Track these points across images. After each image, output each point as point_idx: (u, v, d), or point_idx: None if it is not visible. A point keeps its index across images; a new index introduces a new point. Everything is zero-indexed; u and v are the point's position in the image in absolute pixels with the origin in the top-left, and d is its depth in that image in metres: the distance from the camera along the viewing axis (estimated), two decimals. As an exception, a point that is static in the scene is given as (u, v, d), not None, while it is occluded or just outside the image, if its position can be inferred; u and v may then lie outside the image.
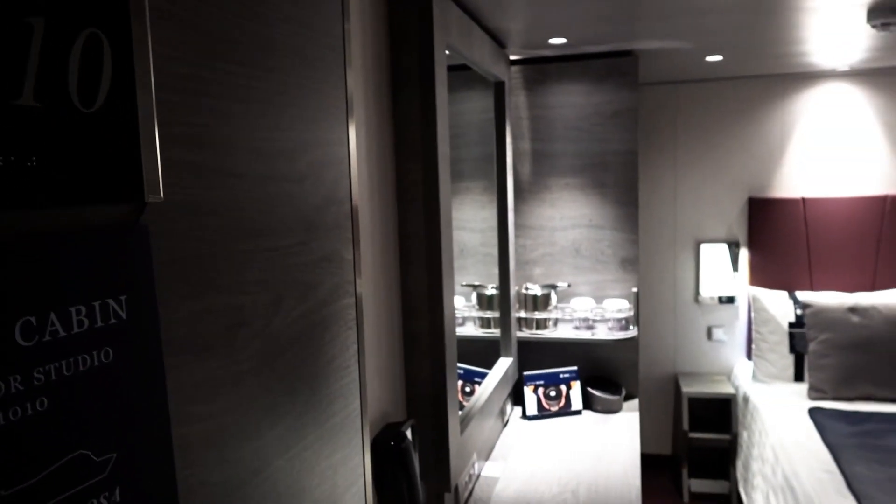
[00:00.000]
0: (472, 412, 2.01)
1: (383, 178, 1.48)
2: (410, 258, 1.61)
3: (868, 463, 2.32)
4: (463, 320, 2.72)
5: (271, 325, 0.67)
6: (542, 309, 2.70)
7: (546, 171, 2.79)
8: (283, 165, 0.69)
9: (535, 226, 2.83)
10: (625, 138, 2.68)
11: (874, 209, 3.43)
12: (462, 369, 2.44)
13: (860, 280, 3.46)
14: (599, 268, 2.77)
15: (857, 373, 2.94)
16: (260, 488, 0.64)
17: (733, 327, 3.75)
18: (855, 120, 3.48)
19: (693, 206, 3.74)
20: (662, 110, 3.73)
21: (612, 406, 2.63)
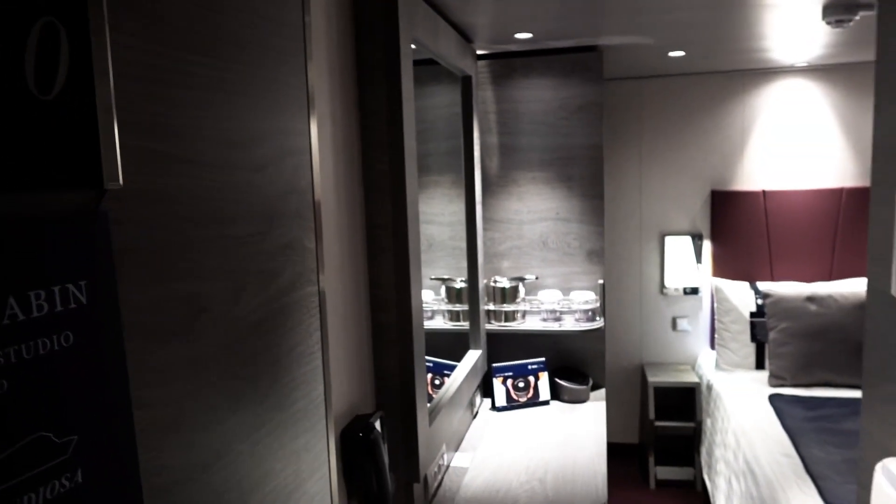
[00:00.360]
0: (441, 404, 2.03)
1: (350, 171, 1.49)
2: (378, 250, 1.62)
3: (824, 446, 2.40)
4: (432, 314, 2.74)
5: (232, 312, 0.68)
6: (510, 301, 2.73)
7: (513, 165, 2.81)
8: (243, 154, 0.70)
9: (503, 219, 2.86)
10: (590, 132, 2.72)
11: (831, 201, 3.53)
12: (431, 362, 2.46)
13: (818, 270, 3.57)
14: (566, 260, 2.81)
15: (814, 360, 3.04)
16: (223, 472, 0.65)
17: (697, 318, 3.83)
18: (812, 115, 3.59)
19: (658, 199, 3.81)
20: (627, 105, 3.79)
21: (580, 396, 2.67)
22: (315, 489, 0.87)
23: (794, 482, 2.22)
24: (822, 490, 2.11)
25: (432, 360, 2.45)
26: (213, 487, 0.63)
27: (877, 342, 0.98)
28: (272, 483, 0.74)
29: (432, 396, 2.17)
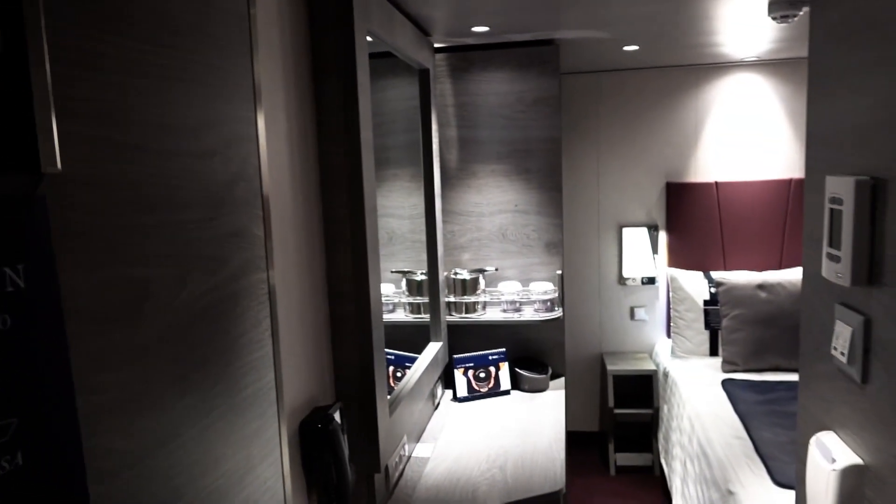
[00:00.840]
0: (402, 395, 2.04)
1: (306, 162, 1.49)
2: (335, 242, 1.63)
3: (773, 428, 2.49)
4: (393, 307, 2.75)
5: (179, 298, 0.68)
6: (470, 293, 2.76)
7: (472, 158, 2.84)
8: (189, 142, 0.70)
9: (462, 212, 2.88)
10: (547, 125, 2.76)
11: (780, 192, 3.65)
12: (393, 355, 2.46)
13: (769, 259, 3.69)
14: (525, 252, 2.85)
15: (765, 345, 3.14)
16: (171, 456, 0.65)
17: (654, 307, 3.92)
18: (762, 108, 3.70)
19: (615, 191, 3.88)
20: (584, 99, 3.85)
21: (539, 385, 2.71)
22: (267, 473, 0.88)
23: (744, 463, 2.30)
24: (771, 469, 2.19)
25: (393, 352, 2.46)
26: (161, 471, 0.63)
27: (811, 323, 1.02)
28: (223, 467, 0.74)
29: (393, 388, 2.18)
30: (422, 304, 2.68)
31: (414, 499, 1.88)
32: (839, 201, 0.85)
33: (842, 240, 0.85)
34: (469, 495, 1.88)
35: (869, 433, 0.83)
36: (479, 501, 1.85)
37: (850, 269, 0.83)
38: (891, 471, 0.78)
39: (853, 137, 0.87)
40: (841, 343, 0.87)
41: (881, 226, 0.80)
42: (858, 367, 0.84)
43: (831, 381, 0.94)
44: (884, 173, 0.79)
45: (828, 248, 0.90)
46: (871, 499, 0.83)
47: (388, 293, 2.69)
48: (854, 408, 0.87)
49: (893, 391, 0.77)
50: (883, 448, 0.80)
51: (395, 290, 2.74)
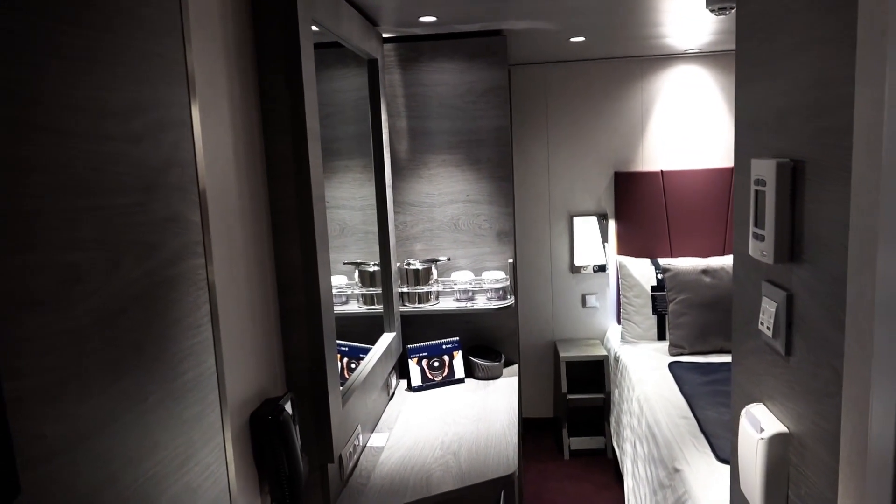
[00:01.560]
0: (355, 386, 2.05)
1: (251, 152, 1.47)
2: (283, 234, 1.62)
3: (717, 407, 2.59)
4: (346, 298, 2.74)
5: (111, 283, 0.67)
6: (423, 283, 2.77)
7: (423, 148, 2.84)
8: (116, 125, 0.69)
9: (414, 202, 2.89)
10: (497, 115, 2.79)
11: (723, 180, 3.77)
12: (346, 346, 2.46)
13: (713, 245, 3.81)
14: (478, 241, 2.88)
15: (709, 328, 3.25)
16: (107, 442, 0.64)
17: (605, 294, 4.01)
18: (704, 99, 3.81)
19: (565, 181, 3.95)
20: (533, 90, 3.90)
21: (493, 372, 2.75)
22: (210, 459, 0.88)
23: (689, 441, 2.38)
24: (714, 447, 2.28)
25: (347, 344, 2.45)
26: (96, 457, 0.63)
27: (741, 301, 1.07)
28: (162, 453, 0.74)
29: (347, 378, 2.18)
30: (375, 294, 2.68)
31: (368, 488, 1.89)
32: (763, 183, 0.90)
33: (765, 220, 0.89)
34: (423, 482, 1.90)
35: (793, 402, 0.88)
36: (433, 487, 1.87)
37: (774, 248, 0.87)
38: (812, 437, 0.83)
39: (774, 121, 0.91)
40: (767, 318, 0.91)
41: (800, 205, 0.84)
42: (782, 340, 0.89)
43: (759, 356, 0.99)
44: (802, 155, 0.83)
45: (754, 228, 0.94)
46: (796, 464, 0.88)
47: (341, 285, 2.69)
48: (779, 379, 0.92)
49: (811, 362, 0.82)
50: (804, 415, 0.85)
51: (348, 281, 2.74)
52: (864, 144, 0.67)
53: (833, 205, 0.76)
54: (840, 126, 0.74)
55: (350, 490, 1.88)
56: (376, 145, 2.55)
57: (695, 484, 2.09)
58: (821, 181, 0.78)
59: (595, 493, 3.38)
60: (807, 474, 0.84)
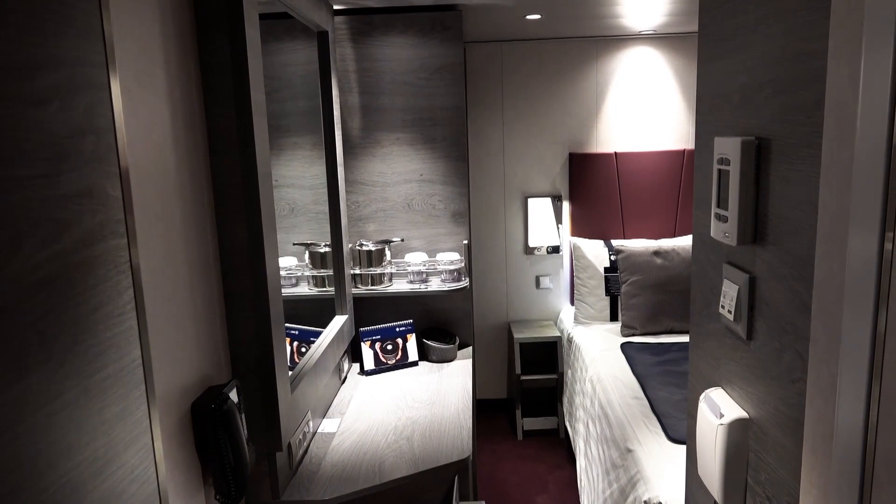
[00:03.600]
0: (305, 371, 1.98)
1: (191, 125, 1.38)
2: (227, 213, 1.53)
3: (668, 387, 2.62)
4: (297, 280, 2.66)
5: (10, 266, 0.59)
6: (376, 265, 2.70)
7: (376, 126, 2.76)
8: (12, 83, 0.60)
9: (367, 181, 2.81)
10: (452, 93, 2.72)
11: (674, 162, 3.80)
12: (297, 330, 2.39)
13: (664, 227, 3.85)
14: (432, 222, 2.82)
15: (660, 309, 3.29)
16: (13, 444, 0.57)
17: (558, 275, 4.02)
18: (658, 81, 3.82)
19: (520, 161, 3.92)
20: (489, 68, 3.84)
21: (447, 355, 2.72)
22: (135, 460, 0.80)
23: (641, 422, 2.40)
24: (666, 427, 2.30)
25: (297, 327, 2.38)
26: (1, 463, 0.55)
27: (701, 283, 1.05)
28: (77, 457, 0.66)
29: (297, 363, 2.12)
30: (326, 277, 2.60)
31: (319, 475, 1.84)
32: (727, 162, 0.87)
33: (729, 200, 0.86)
34: (376, 468, 1.86)
35: (753, 387, 0.86)
36: (385, 473, 1.83)
37: (737, 229, 0.85)
38: (772, 422, 0.81)
39: (738, 98, 0.88)
40: (728, 301, 0.89)
41: (765, 185, 0.82)
42: (744, 324, 0.87)
43: (719, 339, 0.97)
44: (768, 133, 0.80)
45: (716, 209, 0.91)
46: (756, 450, 0.86)
47: (291, 266, 2.60)
48: (740, 364, 0.90)
49: (774, 346, 0.80)
50: (765, 401, 0.83)
51: (299, 263, 2.65)
52: (835, 121, 0.65)
53: (800, 184, 0.73)
54: (809, 102, 0.71)
55: (299, 478, 1.83)
56: (327, 122, 2.45)
57: (647, 464, 2.11)
58: (788, 160, 0.76)
59: (548, 473, 3.41)
60: (767, 460, 0.83)
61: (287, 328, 2.44)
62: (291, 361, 2.21)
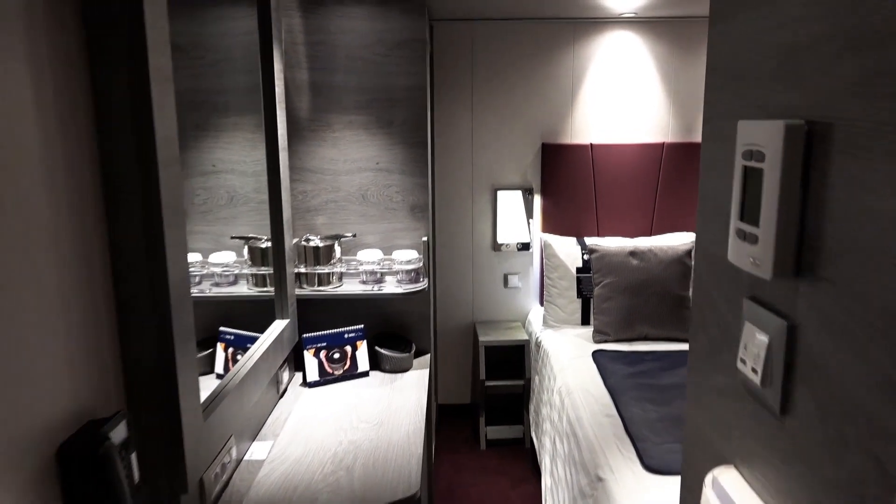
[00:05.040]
0: (230, 387, 1.70)
1: (68, 96, 1.07)
2: (119, 205, 1.23)
3: (642, 403, 2.38)
4: (235, 278, 2.36)
5: None
6: (324, 263, 2.42)
7: (327, 107, 2.46)
8: None
9: (316, 169, 2.51)
10: (412, 72, 2.43)
11: (653, 156, 3.57)
12: (232, 335, 2.12)
13: (641, 225, 3.62)
14: (388, 215, 2.54)
15: (635, 314, 3.06)
16: None
17: (528, 274, 3.77)
18: (637, 69, 3.57)
19: (490, 150, 3.65)
20: (458, 49, 3.55)
21: (402, 364, 2.44)
22: None
23: (614, 444, 2.16)
24: (640, 452, 2.06)
25: (234, 332, 2.11)
26: None
27: (705, 317, 0.79)
28: None
29: (222, 375, 1.83)
30: (267, 275, 2.31)
31: (238, 516, 1.56)
32: (759, 156, 0.60)
33: (761, 211, 0.60)
34: (306, 507, 1.58)
35: (785, 478, 0.61)
36: (317, 515, 1.55)
37: (773, 255, 0.58)
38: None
39: (776, 65, 0.61)
40: (752, 356, 0.63)
41: (819, 191, 0.55)
42: (776, 390, 0.61)
43: (735, 402, 0.71)
44: (825, 113, 0.54)
45: (738, 223, 0.65)
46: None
47: (228, 262, 2.30)
48: (766, 443, 0.64)
49: (829, 435, 0.54)
50: (804, 499, 0.57)
51: (237, 258, 2.35)
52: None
53: (884, 192, 0.47)
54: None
55: (214, 521, 1.54)
56: (268, 100, 2.15)
57: (619, 496, 1.87)
58: (863, 153, 0.50)
59: (511, 489, 3.17)
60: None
61: (222, 332, 2.14)
62: (225, 369, 1.93)
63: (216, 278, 2.25)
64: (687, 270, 3.13)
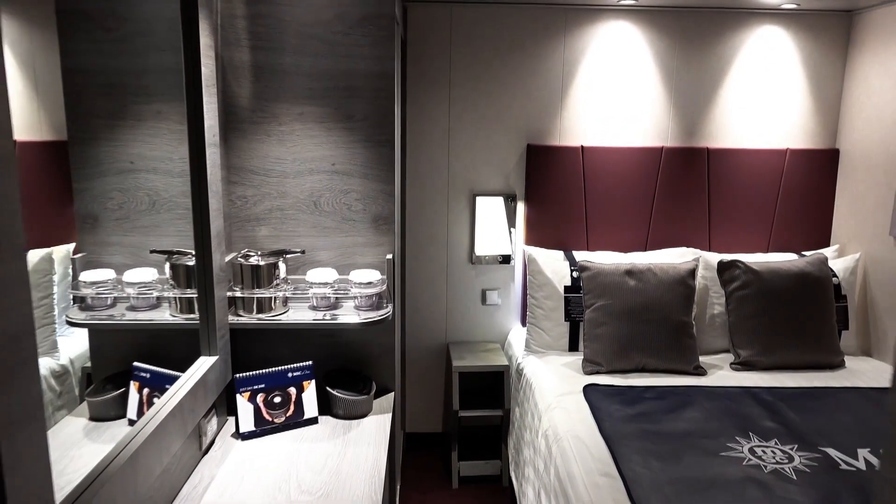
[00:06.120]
0: (132, 446, 1.27)
1: None
2: None
3: (646, 458, 2.00)
4: (157, 300, 1.92)
5: None
6: (265, 284, 1.98)
7: (273, 95, 2.03)
8: None
9: (258, 169, 2.07)
10: (378, 55, 2.01)
11: (651, 161, 3.19)
12: (148, 372, 1.70)
13: (635, 238, 3.24)
14: (346, 228, 2.12)
15: (631, 343, 2.67)
16: None
17: (508, 289, 3.36)
18: (636, 64, 3.19)
19: (469, 151, 3.23)
20: (435, 34, 3.13)
21: (359, 409, 2.02)
22: None
23: (615, 513, 1.77)
24: (650, 528, 1.67)
25: (150, 369, 1.69)
26: None
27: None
28: None
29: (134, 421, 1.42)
30: (196, 299, 1.88)
31: None
32: None
33: None
34: None
35: None
36: None
37: None
38: None
39: None
40: None
41: None
42: None
43: None
44: None
45: None
46: None
47: (149, 281, 1.86)
48: None
49: None
50: None
51: (161, 276, 1.91)
52: None
53: None
54: None
55: None
56: (191, 82, 1.71)
57: None
58: None
59: (487, 539, 2.76)
60: None
61: (136, 369, 1.73)
62: (139, 413, 1.51)
63: (132, 300, 1.81)
64: (690, 293, 2.76)
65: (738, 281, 2.83)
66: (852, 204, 3.16)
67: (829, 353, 2.76)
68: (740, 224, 3.27)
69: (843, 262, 3.06)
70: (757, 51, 3.20)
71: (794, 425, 2.21)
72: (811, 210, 3.28)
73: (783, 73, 3.22)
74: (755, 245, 3.29)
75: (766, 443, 2.10)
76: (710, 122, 3.25)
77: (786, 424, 2.22)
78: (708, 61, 3.20)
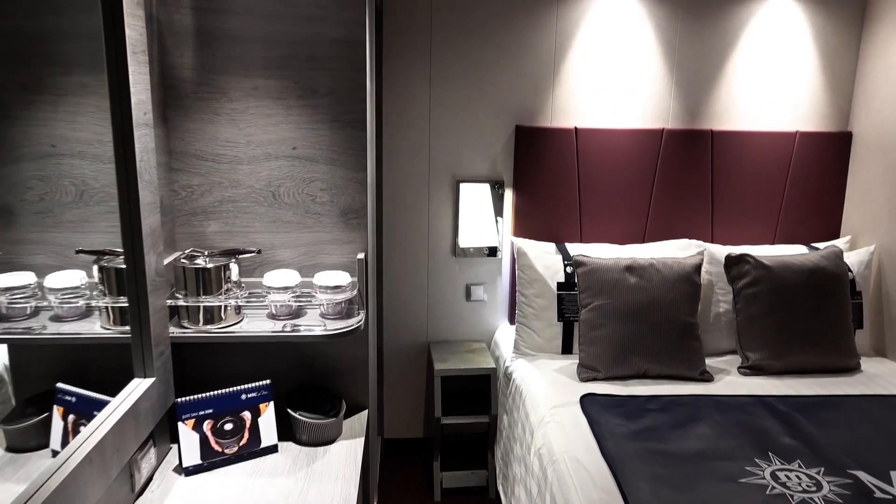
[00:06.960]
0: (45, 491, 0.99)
1: None
2: None
3: (656, 487, 1.75)
4: (86, 309, 1.62)
5: None
6: (214, 290, 1.68)
7: (221, 66, 1.72)
8: None
9: (206, 154, 1.77)
10: (346, 19, 1.70)
11: (650, 144, 2.92)
12: (73, 395, 1.45)
13: (633, 229, 2.98)
14: (310, 223, 1.82)
15: (631, 346, 2.42)
16: None
17: (495, 284, 3.09)
18: (635, 39, 2.90)
19: (451, 133, 2.94)
20: (415, 4, 2.81)
21: (326, 433, 1.74)
22: None
23: (624, 557, 1.51)
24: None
25: (75, 391, 1.44)
26: None
27: None
28: None
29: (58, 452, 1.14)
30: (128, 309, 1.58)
31: None
32: None
33: None
34: None
35: None
36: None
37: None
38: None
39: None
40: None
41: None
42: None
43: None
44: None
45: None
46: None
47: (76, 285, 1.56)
48: None
49: None
50: None
51: (90, 280, 1.61)
52: None
53: None
54: None
55: None
56: (111, 45, 1.40)
57: None
58: None
59: (472, 561, 2.51)
60: None
61: (59, 391, 1.46)
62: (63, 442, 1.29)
63: (56, 309, 1.52)
64: (696, 291, 2.50)
65: (747, 277, 2.58)
66: (865, 192, 2.93)
67: (845, 356, 2.53)
68: (745, 213, 3.02)
69: (856, 254, 2.82)
70: (765, 25, 2.93)
71: (817, 442, 1.98)
72: (821, 198, 3.04)
73: (793, 49, 2.96)
74: (761, 236, 3.05)
75: (788, 465, 1.86)
76: (714, 101, 2.98)
77: (807, 442, 1.99)
78: (713, 35, 2.92)
